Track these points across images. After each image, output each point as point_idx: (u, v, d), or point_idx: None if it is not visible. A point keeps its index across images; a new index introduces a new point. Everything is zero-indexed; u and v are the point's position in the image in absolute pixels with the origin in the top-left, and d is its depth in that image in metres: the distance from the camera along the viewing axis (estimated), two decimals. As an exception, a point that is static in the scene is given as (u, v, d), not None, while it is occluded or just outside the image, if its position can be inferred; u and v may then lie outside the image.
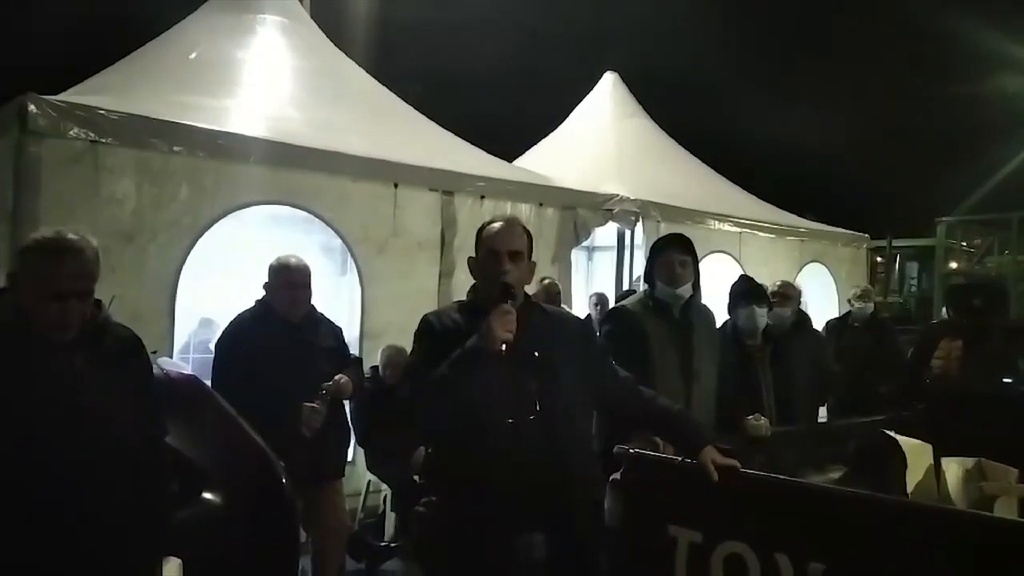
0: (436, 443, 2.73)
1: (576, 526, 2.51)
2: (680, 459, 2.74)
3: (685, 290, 3.70)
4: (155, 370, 3.33)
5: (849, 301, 6.67)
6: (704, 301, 3.95)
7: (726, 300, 4.49)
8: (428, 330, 2.58)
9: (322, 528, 4.05)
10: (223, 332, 4.06)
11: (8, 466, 2.16)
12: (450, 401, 2.41)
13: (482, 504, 2.43)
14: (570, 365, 2.56)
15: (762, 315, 4.34)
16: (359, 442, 5.71)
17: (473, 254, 2.66)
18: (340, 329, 4.27)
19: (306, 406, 3.80)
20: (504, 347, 2.35)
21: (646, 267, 3.89)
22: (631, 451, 2.86)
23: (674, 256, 3.70)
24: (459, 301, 2.74)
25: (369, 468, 5.78)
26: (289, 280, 3.92)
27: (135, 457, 2.36)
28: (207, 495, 3.22)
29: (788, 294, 4.78)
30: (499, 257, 2.54)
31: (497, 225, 2.62)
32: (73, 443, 2.22)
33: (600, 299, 7.67)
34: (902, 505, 2.64)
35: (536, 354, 2.47)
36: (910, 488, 3.09)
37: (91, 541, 2.24)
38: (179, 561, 2.55)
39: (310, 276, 4.01)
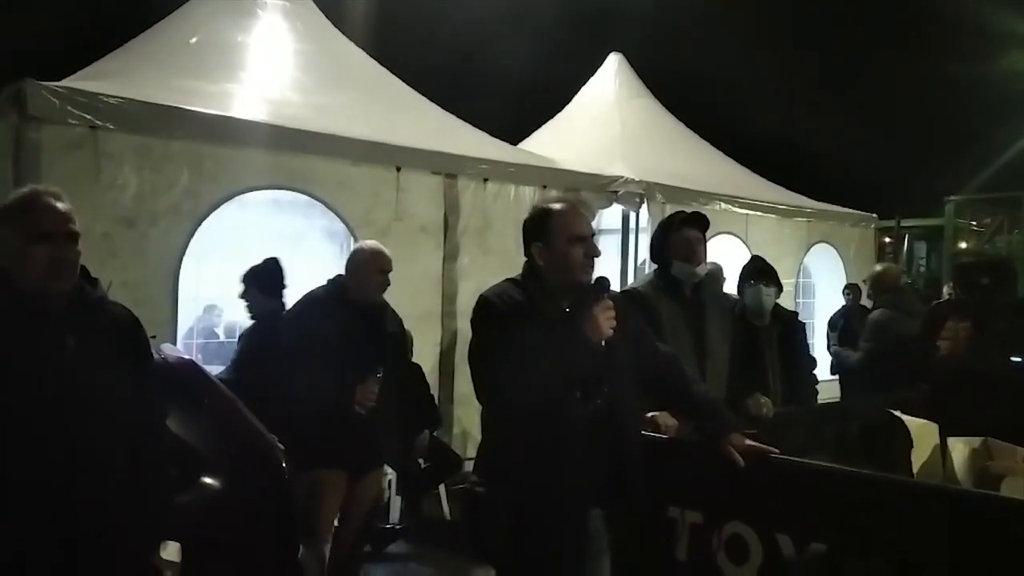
0: (507, 424, 2.57)
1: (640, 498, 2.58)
2: (686, 440, 2.75)
3: (702, 268, 3.70)
4: (154, 354, 3.34)
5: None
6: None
7: (735, 282, 4.50)
8: (496, 311, 2.51)
9: (354, 515, 4.01)
10: (291, 308, 4.12)
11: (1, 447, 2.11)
12: (546, 384, 2.38)
13: (556, 480, 2.43)
14: (624, 348, 2.60)
15: (768, 295, 4.31)
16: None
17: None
18: (400, 318, 4.28)
19: (360, 386, 3.82)
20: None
21: (658, 245, 3.82)
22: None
23: (693, 234, 3.69)
24: (511, 280, 2.64)
25: (374, 452, 5.76)
26: (380, 266, 3.99)
27: (133, 439, 2.30)
28: (206, 479, 3.22)
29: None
30: (589, 245, 2.52)
31: (569, 207, 2.58)
32: (66, 423, 2.16)
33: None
34: (908, 485, 2.62)
35: (611, 342, 2.51)
36: (916, 468, 3.05)
37: (88, 524, 2.19)
38: (178, 544, 2.52)
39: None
